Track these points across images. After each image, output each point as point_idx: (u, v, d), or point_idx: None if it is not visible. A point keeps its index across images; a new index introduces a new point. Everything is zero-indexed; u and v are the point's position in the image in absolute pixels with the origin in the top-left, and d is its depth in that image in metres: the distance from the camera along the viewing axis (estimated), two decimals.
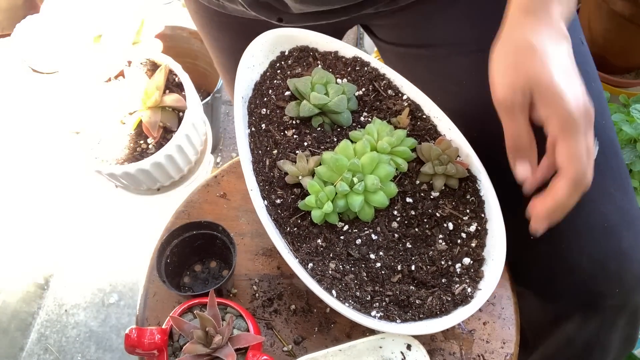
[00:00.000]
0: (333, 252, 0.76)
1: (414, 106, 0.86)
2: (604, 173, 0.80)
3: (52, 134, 0.79)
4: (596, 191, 0.75)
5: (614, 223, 0.80)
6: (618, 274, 0.80)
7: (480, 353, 0.80)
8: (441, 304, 0.72)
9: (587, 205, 0.77)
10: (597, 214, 0.80)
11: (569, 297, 0.84)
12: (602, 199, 0.80)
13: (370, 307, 0.72)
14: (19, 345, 1.59)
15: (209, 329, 0.69)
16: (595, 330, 0.87)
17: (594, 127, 0.64)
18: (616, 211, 0.81)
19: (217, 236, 0.83)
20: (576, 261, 0.81)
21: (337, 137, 0.83)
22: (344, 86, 0.84)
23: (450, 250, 0.76)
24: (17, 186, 1.87)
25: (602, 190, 0.80)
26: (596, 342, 0.89)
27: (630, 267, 0.80)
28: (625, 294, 0.81)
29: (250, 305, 0.84)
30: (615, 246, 0.80)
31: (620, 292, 0.81)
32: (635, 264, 0.80)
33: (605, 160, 0.81)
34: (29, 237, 1.77)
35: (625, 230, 0.80)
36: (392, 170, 0.76)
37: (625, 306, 0.84)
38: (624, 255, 0.80)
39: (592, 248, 0.80)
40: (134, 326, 0.72)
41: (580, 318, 0.86)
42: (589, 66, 0.86)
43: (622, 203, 0.81)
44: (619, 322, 0.87)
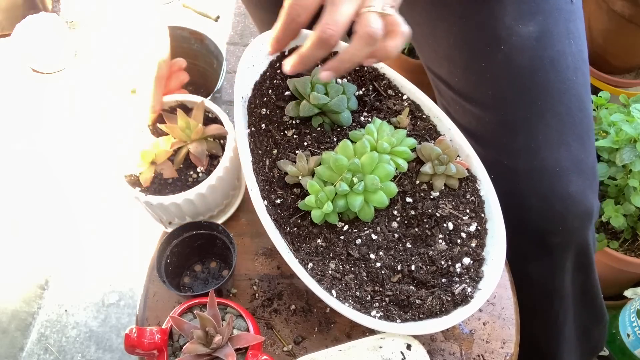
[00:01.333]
0: (333, 252, 0.75)
1: (414, 106, 0.86)
2: (565, 124, 0.88)
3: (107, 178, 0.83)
4: (555, 139, 0.86)
5: (565, 168, 0.87)
6: (562, 213, 0.87)
7: (480, 353, 0.80)
8: (441, 304, 0.72)
9: (544, 151, 0.87)
10: (551, 159, 0.87)
11: (522, 234, 0.89)
12: (559, 147, 0.87)
13: (370, 307, 0.72)
14: (19, 345, 1.59)
15: (209, 329, 0.69)
16: (549, 272, 0.94)
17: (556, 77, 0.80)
18: (569, 158, 0.87)
19: (217, 236, 0.83)
20: (528, 200, 0.88)
21: (337, 137, 0.83)
22: (344, 86, 0.84)
23: (450, 250, 0.76)
24: (18, 186, 1.87)
25: (560, 139, 0.87)
26: (552, 286, 0.96)
27: (574, 209, 0.87)
28: (569, 232, 0.89)
29: (250, 305, 0.84)
30: (563, 188, 0.87)
31: (564, 230, 0.88)
32: (579, 206, 0.87)
33: (569, 112, 0.88)
34: (29, 237, 1.77)
35: (574, 176, 0.87)
36: (392, 170, 0.76)
37: (569, 245, 0.91)
38: (570, 198, 0.87)
39: (542, 188, 0.87)
40: (134, 326, 0.72)
41: (533, 256, 0.93)
42: (573, 24, 0.90)
43: (577, 152, 0.88)
44: (567, 264, 0.93)
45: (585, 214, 0.88)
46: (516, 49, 0.88)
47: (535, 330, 0.95)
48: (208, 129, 0.84)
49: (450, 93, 0.96)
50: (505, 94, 0.89)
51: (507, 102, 0.89)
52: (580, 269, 0.95)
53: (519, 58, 0.88)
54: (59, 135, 1.97)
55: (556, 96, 0.87)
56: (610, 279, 1.46)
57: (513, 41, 0.88)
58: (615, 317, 1.45)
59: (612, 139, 1.25)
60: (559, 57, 0.87)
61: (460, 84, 0.94)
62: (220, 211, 0.90)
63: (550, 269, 0.94)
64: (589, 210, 0.88)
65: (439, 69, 0.98)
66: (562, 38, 0.87)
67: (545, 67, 0.87)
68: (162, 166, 0.84)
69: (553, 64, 0.87)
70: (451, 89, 0.95)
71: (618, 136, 1.26)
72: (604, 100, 1.37)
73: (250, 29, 2.27)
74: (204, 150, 0.84)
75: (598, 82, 1.68)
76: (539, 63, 0.87)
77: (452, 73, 0.95)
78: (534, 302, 0.93)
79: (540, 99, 0.87)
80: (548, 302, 0.97)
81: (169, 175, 0.84)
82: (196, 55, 1.83)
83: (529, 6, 0.87)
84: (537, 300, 0.94)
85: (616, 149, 1.26)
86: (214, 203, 0.85)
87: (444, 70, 0.97)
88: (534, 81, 0.88)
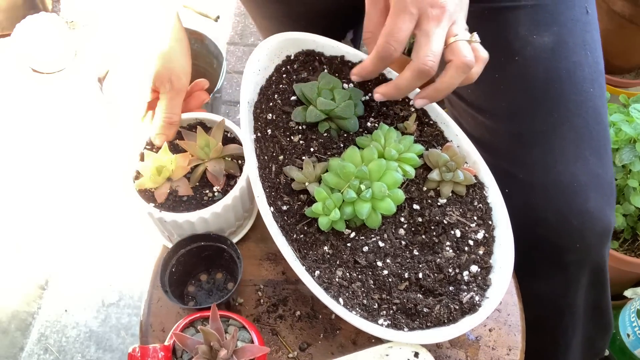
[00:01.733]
0: (340, 259, 0.75)
1: (421, 112, 0.86)
2: (582, 136, 0.86)
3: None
4: (571, 153, 0.84)
5: (583, 183, 0.85)
6: (580, 230, 0.85)
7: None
8: (449, 313, 0.71)
9: (560, 165, 0.85)
10: (568, 174, 0.85)
11: (535, 250, 0.88)
12: (575, 161, 0.85)
13: (378, 315, 0.71)
14: (19, 345, 1.59)
15: (213, 343, 0.69)
16: (561, 289, 0.92)
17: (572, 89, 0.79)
18: (587, 173, 0.85)
19: (225, 249, 0.83)
20: (543, 215, 0.86)
21: (343, 142, 0.82)
22: (350, 91, 0.84)
23: (458, 258, 0.76)
24: (18, 186, 1.86)
25: (577, 153, 0.85)
26: (564, 303, 0.94)
27: (592, 225, 0.85)
28: (585, 250, 0.87)
29: (255, 311, 0.84)
30: (580, 204, 0.85)
31: (581, 247, 0.86)
32: (597, 223, 0.85)
33: (586, 125, 0.86)
34: (29, 237, 1.77)
35: (592, 192, 0.85)
36: (399, 177, 0.75)
37: (585, 262, 0.89)
38: (588, 214, 0.85)
39: (559, 204, 0.85)
40: (137, 345, 0.72)
41: (546, 273, 0.91)
42: (589, 35, 0.89)
43: (594, 167, 0.86)
44: (582, 280, 0.91)
45: (603, 231, 0.86)
46: (531, 60, 0.86)
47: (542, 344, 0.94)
48: (227, 148, 0.84)
49: (462, 104, 0.94)
50: (519, 106, 0.88)
51: (522, 114, 0.88)
52: (594, 285, 0.94)
53: (533, 69, 0.86)
54: (59, 135, 1.97)
55: (572, 108, 0.85)
56: (610, 279, 1.47)
57: (527, 52, 0.86)
58: (615, 317, 1.45)
59: (611, 139, 1.25)
60: (575, 69, 0.85)
61: (472, 96, 0.92)
62: (232, 233, 0.89)
63: (564, 285, 0.92)
64: (607, 227, 0.87)
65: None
66: (578, 49, 0.86)
67: (561, 79, 0.85)
68: (178, 183, 0.83)
69: (569, 76, 0.85)
70: (463, 100, 0.94)
71: (618, 136, 1.26)
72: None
73: (250, 29, 2.26)
74: (221, 170, 0.83)
75: None
76: (555, 74, 0.85)
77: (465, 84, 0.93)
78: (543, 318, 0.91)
79: (556, 111, 0.86)
80: (559, 317, 0.96)
81: (184, 193, 0.82)
82: (196, 55, 1.82)
83: (544, 17, 0.86)
84: (547, 315, 0.93)
85: (616, 149, 1.26)
86: (226, 224, 0.84)
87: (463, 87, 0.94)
88: (549, 93, 0.86)
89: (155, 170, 0.81)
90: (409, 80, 0.69)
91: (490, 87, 0.89)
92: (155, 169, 0.81)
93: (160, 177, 0.82)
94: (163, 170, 0.81)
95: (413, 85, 0.70)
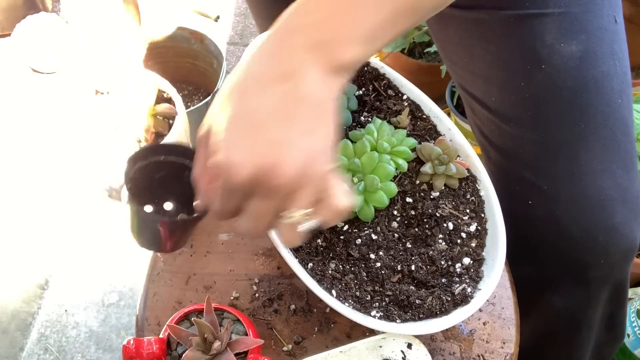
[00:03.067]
0: (333, 252, 0.75)
1: (414, 106, 0.86)
2: (609, 149, 0.83)
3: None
4: (598, 165, 0.81)
5: (610, 197, 0.82)
6: (605, 246, 0.82)
7: (480, 353, 0.80)
8: (441, 304, 0.72)
9: (586, 177, 0.81)
10: (594, 187, 0.82)
11: (557, 265, 0.86)
12: (602, 174, 0.82)
13: (370, 307, 0.72)
14: (19, 345, 1.59)
15: (207, 336, 0.69)
16: (580, 305, 0.90)
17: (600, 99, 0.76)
18: (614, 187, 0.82)
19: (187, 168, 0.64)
20: (567, 229, 0.83)
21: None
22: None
23: (450, 250, 0.76)
24: (17, 186, 1.86)
25: (603, 165, 0.82)
26: (582, 317, 0.92)
27: (618, 242, 0.83)
28: (610, 266, 0.84)
29: (250, 305, 0.84)
30: (607, 219, 0.82)
31: (606, 263, 0.84)
32: (623, 239, 0.83)
33: (613, 137, 0.83)
34: (29, 237, 1.77)
35: (619, 206, 0.82)
36: (392, 170, 0.76)
37: (609, 279, 0.87)
38: (614, 230, 0.82)
39: (584, 218, 0.82)
40: (131, 337, 0.72)
41: (566, 288, 0.88)
42: (617, 45, 0.86)
43: (621, 180, 0.83)
44: (603, 296, 0.89)
45: (629, 247, 0.84)
46: (558, 68, 0.83)
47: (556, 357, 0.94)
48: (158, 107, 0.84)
49: (485, 112, 0.91)
50: (546, 115, 0.85)
51: (548, 123, 0.85)
52: (614, 301, 0.91)
53: (561, 78, 0.83)
54: (58, 135, 1.97)
55: (600, 119, 0.82)
56: None
57: (555, 61, 0.83)
58: None
59: None
60: (604, 79, 0.83)
61: (496, 104, 0.89)
62: None
63: (584, 301, 0.90)
64: (633, 244, 0.84)
65: (474, 88, 0.93)
66: (606, 59, 0.83)
67: (589, 89, 0.82)
68: None
69: (597, 86, 0.82)
70: (487, 108, 0.91)
71: None
72: None
73: (250, 29, 2.27)
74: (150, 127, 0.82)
75: None
76: (582, 84, 0.82)
77: (488, 92, 0.90)
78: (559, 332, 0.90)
79: (583, 121, 0.83)
80: (575, 332, 0.94)
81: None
82: (196, 55, 1.83)
83: (572, 25, 0.83)
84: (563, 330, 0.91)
85: None
86: None
87: (479, 89, 0.92)
88: (576, 103, 0.83)
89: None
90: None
91: (516, 95, 0.86)
92: None
93: None
94: None
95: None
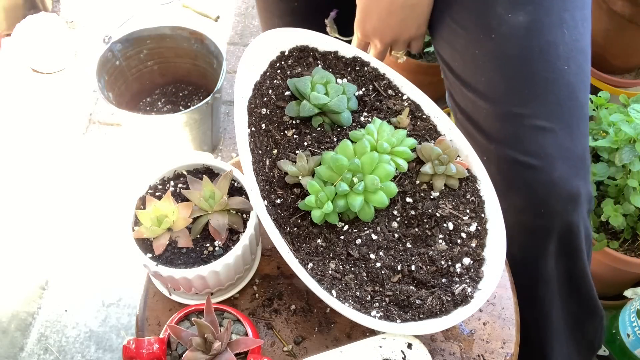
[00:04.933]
0: (333, 252, 0.75)
1: (414, 106, 0.86)
2: (552, 113, 0.90)
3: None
4: (540, 127, 0.88)
5: (550, 155, 0.88)
6: (544, 197, 0.89)
7: (480, 353, 0.80)
8: (441, 304, 0.72)
9: (528, 137, 0.89)
10: (535, 146, 0.89)
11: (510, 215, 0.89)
12: (544, 134, 0.89)
13: (370, 307, 0.72)
14: (19, 345, 1.59)
15: (207, 336, 0.69)
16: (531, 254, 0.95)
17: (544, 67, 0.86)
18: (554, 146, 0.89)
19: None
20: (514, 184, 0.90)
21: (337, 137, 0.83)
22: (344, 86, 0.84)
23: (450, 250, 0.76)
24: (18, 186, 1.87)
25: (545, 127, 0.89)
26: (534, 268, 0.97)
27: (557, 193, 0.89)
28: (550, 216, 0.90)
29: (250, 305, 0.84)
30: (545, 174, 0.88)
31: (546, 213, 0.90)
32: (562, 191, 0.89)
33: (557, 101, 0.89)
34: (29, 237, 1.77)
35: (559, 163, 0.88)
36: (392, 170, 0.76)
37: (552, 229, 0.92)
38: (552, 183, 0.88)
39: (525, 173, 0.89)
40: (132, 337, 0.72)
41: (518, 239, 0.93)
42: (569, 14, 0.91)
43: (563, 140, 0.89)
44: (550, 247, 0.94)
45: (569, 197, 0.89)
46: (505, 38, 0.89)
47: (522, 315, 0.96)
48: (232, 200, 0.80)
49: (451, 76, 0.99)
50: (495, 83, 0.91)
51: (497, 90, 0.91)
52: (565, 254, 0.96)
53: (508, 47, 0.90)
54: (58, 135, 1.97)
55: (543, 86, 0.89)
56: (610, 279, 1.46)
57: (503, 30, 0.89)
58: (615, 317, 1.45)
59: (611, 139, 1.25)
60: (549, 47, 0.88)
61: (459, 69, 0.96)
62: (231, 285, 0.85)
63: (533, 251, 0.95)
64: (574, 195, 0.89)
65: (443, 50, 1.00)
66: (553, 28, 0.89)
67: (533, 57, 0.89)
68: (178, 234, 0.79)
69: (542, 54, 0.88)
70: (452, 72, 0.98)
71: (617, 136, 1.26)
72: (604, 100, 1.37)
73: (250, 29, 2.27)
74: (225, 224, 0.78)
75: (598, 82, 1.67)
76: (528, 53, 0.89)
77: (452, 57, 0.97)
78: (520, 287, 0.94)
79: (527, 88, 0.89)
80: (532, 285, 0.99)
81: (183, 245, 0.78)
82: (196, 55, 1.83)
83: None
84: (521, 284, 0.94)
85: (615, 149, 1.26)
86: (225, 279, 0.81)
87: (447, 53, 1.00)
88: (521, 71, 0.90)
89: (155, 220, 0.77)
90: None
91: (472, 62, 0.94)
92: (155, 219, 0.77)
93: (160, 227, 0.78)
94: (164, 220, 0.78)
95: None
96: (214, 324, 0.71)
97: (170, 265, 0.77)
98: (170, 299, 0.84)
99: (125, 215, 0.80)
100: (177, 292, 0.84)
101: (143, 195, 0.82)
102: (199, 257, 0.78)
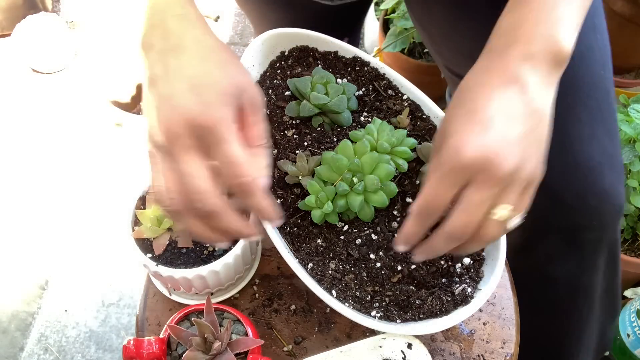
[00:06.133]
0: (333, 252, 0.75)
1: (414, 106, 0.86)
2: (595, 119, 0.87)
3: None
4: (586, 134, 0.85)
5: (599, 163, 0.86)
6: (597, 208, 0.86)
7: (480, 353, 0.80)
8: (441, 304, 0.72)
9: (575, 145, 0.85)
10: (584, 155, 0.86)
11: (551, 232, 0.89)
12: (590, 142, 0.86)
13: (370, 307, 0.72)
14: (19, 345, 1.59)
15: (207, 336, 0.69)
16: (576, 270, 0.93)
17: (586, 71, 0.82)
18: (601, 153, 0.87)
19: None
20: (560, 195, 0.86)
21: (337, 137, 0.83)
22: (344, 86, 0.84)
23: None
24: (18, 186, 1.87)
25: (591, 134, 0.87)
26: (579, 284, 0.95)
27: (608, 204, 0.87)
28: (602, 227, 0.88)
29: (250, 305, 0.84)
30: (596, 184, 0.86)
31: (598, 225, 0.88)
32: (614, 201, 0.87)
33: (598, 107, 0.87)
34: (29, 237, 1.78)
35: (607, 170, 0.86)
36: (392, 170, 0.76)
37: (602, 241, 0.90)
38: (604, 192, 0.86)
39: (575, 184, 0.86)
40: (131, 337, 0.72)
41: (561, 255, 0.91)
42: (598, 19, 0.90)
43: (607, 147, 0.87)
44: (599, 261, 0.92)
45: (618, 208, 0.88)
46: None
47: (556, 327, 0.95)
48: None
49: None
50: None
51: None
52: (610, 265, 0.95)
53: None
54: (59, 135, 1.97)
55: (586, 91, 0.87)
56: None
57: None
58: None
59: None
60: (588, 52, 0.87)
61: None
62: (231, 284, 0.85)
63: (580, 266, 0.93)
64: (621, 205, 0.88)
65: (459, 67, 0.96)
66: (588, 32, 0.86)
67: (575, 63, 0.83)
68: (178, 234, 0.79)
69: (582, 59, 0.86)
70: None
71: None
72: None
73: (250, 29, 2.27)
74: None
75: None
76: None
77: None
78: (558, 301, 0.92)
79: (570, 94, 0.86)
80: (573, 299, 0.96)
81: (183, 245, 0.78)
82: None
83: None
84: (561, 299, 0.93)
85: None
86: (225, 279, 0.81)
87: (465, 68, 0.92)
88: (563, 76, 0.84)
89: (155, 220, 0.78)
90: (441, 244, 0.64)
91: None
92: (155, 219, 0.78)
93: (160, 227, 0.78)
94: (164, 220, 0.78)
95: (446, 247, 0.65)
96: (214, 324, 0.71)
97: (170, 265, 0.77)
98: (170, 299, 0.84)
99: (125, 215, 0.80)
100: (177, 292, 0.84)
101: (143, 195, 0.82)
102: (198, 257, 0.78)
